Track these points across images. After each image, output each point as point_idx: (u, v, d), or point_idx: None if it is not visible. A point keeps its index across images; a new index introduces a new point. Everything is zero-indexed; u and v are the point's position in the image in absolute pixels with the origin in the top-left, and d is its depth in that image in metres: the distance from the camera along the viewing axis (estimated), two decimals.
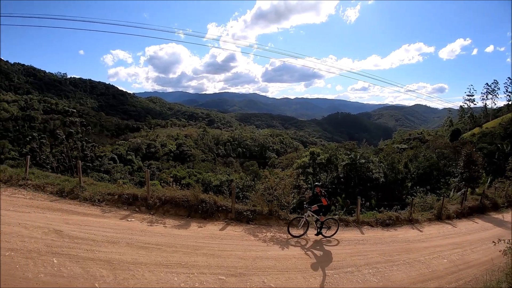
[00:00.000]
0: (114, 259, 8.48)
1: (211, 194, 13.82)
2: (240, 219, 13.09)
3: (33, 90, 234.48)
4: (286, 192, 13.77)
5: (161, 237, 10.51)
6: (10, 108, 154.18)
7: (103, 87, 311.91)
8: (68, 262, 8.01)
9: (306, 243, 11.99)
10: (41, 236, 9.19)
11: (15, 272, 7.30)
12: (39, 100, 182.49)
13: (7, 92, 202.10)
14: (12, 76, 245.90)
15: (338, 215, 15.37)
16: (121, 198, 13.05)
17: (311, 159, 43.72)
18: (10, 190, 13.11)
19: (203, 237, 11.01)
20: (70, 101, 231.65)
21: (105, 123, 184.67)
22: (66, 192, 13.18)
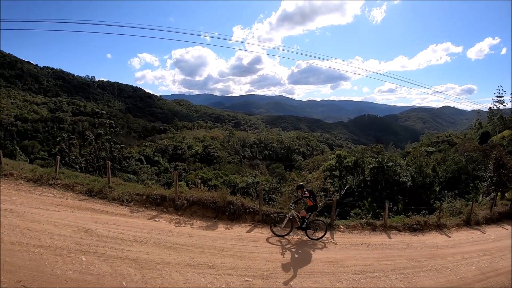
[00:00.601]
0: (142, 259, 8.60)
1: (239, 196, 13.86)
2: (267, 221, 13.02)
3: (62, 92, 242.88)
4: None
5: (188, 237, 10.59)
6: (40, 110, 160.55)
7: (130, 90, 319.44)
8: (96, 260, 8.18)
9: (333, 246, 11.85)
10: (70, 234, 9.43)
11: (44, 269, 7.52)
12: (68, 102, 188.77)
13: (37, 95, 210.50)
14: (41, 79, 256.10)
15: (365, 219, 15.10)
16: (149, 199, 13.25)
17: (338, 162, 43.32)
18: (40, 189, 13.59)
19: (230, 239, 11.03)
20: (98, 103, 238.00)
21: (133, 125, 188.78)
22: (95, 192, 13.52)
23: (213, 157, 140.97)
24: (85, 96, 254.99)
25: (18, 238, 8.87)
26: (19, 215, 10.39)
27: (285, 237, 11.95)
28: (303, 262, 10.05)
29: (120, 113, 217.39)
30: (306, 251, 10.95)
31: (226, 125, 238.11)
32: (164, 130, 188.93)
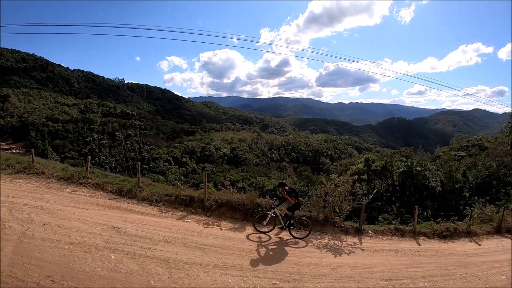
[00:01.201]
0: (170, 258, 8.71)
1: (267, 199, 13.86)
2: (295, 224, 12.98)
3: (92, 94, 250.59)
4: (341, 199, 13.54)
5: (216, 239, 10.65)
6: (71, 111, 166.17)
7: (159, 92, 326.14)
8: (125, 258, 8.35)
9: (361, 251, 11.68)
10: (99, 232, 9.69)
11: (73, 265, 7.74)
12: (98, 104, 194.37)
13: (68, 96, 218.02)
14: (72, 81, 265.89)
15: (394, 224, 14.81)
16: (178, 199, 13.41)
17: (366, 166, 42.82)
18: (71, 187, 14.04)
19: (259, 241, 11.04)
20: (127, 105, 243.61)
21: (161, 126, 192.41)
22: (125, 192, 13.85)
23: (240, 159, 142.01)
24: (114, 98, 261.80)
25: (49, 234, 9.18)
26: (50, 212, 10.75)
27: (267, 234, 11.84)
28: (331, 267, 9.94)
29: (149, 114, 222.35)
30: (337, 257, 10.83)
31: (254, 127, 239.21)
32: (192, 132, 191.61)
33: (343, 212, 13.68)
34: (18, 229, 9.37)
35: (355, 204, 13.94)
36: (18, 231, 9.25)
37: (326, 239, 12.14)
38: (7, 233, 9.09)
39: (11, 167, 16.24)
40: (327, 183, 14.04)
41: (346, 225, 13.07)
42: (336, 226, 13.33)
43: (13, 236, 8.97)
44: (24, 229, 9.39)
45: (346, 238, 12.19)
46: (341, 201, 13.52)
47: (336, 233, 12.94)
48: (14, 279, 7.11)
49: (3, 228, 9.37)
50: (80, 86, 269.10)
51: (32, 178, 14.96)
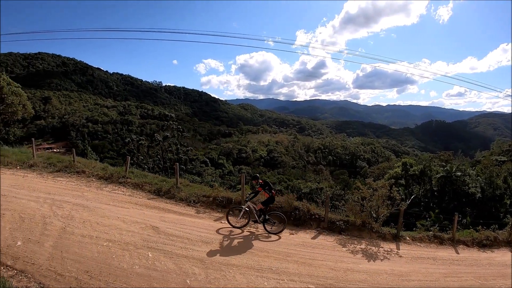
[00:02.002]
0: (207, 259, 8.80)
1: (305, 202, 13.74)
2: (332, 228, 12.77)
3: (131, 97, 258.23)
4: (379, 204, 13.24)
5: (253, 241, 10.67)
6: (110, 113, 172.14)
7: (196, 94, 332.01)
8: (162, 257, 8.53)
9: (399, 258, 11.37)
10: (138, 230, 9.95)
11: (111, 262, 8.01)
12: (137, 106, 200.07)
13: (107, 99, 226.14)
14: (111, 84, 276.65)
15: (432, 231, 14.31)
16: (215, 201, 13.52)
17: (404, 170, 41.67)
18: (110, 186, 14.52)
19: (295, 244, 10.94)
20: (165, 107, 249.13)
21: (198, 128, 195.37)
22: (163, 192, 14.13)
23: (277, 161, 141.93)
24: (152, 101, 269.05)
25: (88, 231, 9.53)
26: (90, 210, 11.15)
27: (241, 228, 11.70)
28: (368, 273, 9.74)
29: (186, 116, 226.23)
30: (374, 263, 10.61)
31: (291, 130, 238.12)
32: (229, 134, 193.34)
33: (380, 217, 13.39)
34: (58, 225, 9.78)
35: (393, 209, 13.61)
36: (58, 227, 9.66)
37: (363, 245, 11.90)
38: (47, 229, 9.52)
39: (52, 165, 16.97)
40: (364, 187, 13.77)
41: (384, 231, 12.76)
42: (373, 231, 13.05)
43: (53, 231, 9.37)
44: (64, 225, 9.79)
45: (383, 244, 11.91)
46: (379, 206, 13.24)
47: (373, 238, 12.66)
48: (53, 273, 7.44)
49: (44, 224, 9.78)
50: (119, 89, 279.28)
51: (73, 176, 15.53)
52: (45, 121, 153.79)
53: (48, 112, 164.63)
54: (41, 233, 9.25)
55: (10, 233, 9.17)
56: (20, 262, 7.77)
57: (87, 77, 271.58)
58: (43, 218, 10.19)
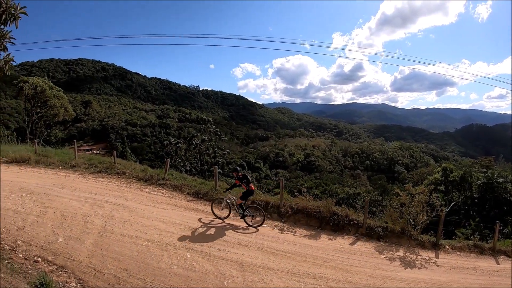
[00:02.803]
0: (245, 261, 8.83)
1: (343, 207, 13.57)
2: (370, 235, 12.53)
3: (169, 101, 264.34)
4: (418, 210, 12.88)
5: (291, 245, 10.60)
6: (148, 116, 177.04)
7: (233, 98, 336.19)
8: (200, 258, 8.63)
9: (438, 267, 11.00)
10: (177, 231, 10.13)
11: (150, 261, 8.20)
12: (175, 109, 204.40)
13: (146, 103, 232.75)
14: (149, 88, 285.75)
15: (473, 240, 13.74)
16: (254, 204, 13.54)
17: (443, 176, 40.38)
18: (150, 187, 14.89)
19: (333, 250, 10.81)
20: (202, 111, 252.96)
21: (236, 132, 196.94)
22: (202, 194, 14.30)
23: (314, 165, 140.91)
24: (190, 104, 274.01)
25: (128, 230, 9.79)
26: (130, 210, 11.48)
27: (224, 219, 12.07)
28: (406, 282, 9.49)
29: (223, 120, 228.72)
30: (412, 271, 10.32)
31: (328, 134, 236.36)
32: (266, 138, 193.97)
33: (418, 224, 13.03)
34: (99, 224, 10.10)
35: (432, 216, 13.21)
36: (99, 225, 9.97)
37: (401, 252, 11.62)
38: (88, 227, 9.85)
39: (94, 166, 17.57)
40: (403, 193, 13.44)
41: (423, 239, 12.39)
42: (412, 239, 12.70)
43: (94, 230, 9.69)
44: (105, 224, 10.10)
45: (421, 252, 11.59)
46: (418, 213, 12.89)
47: (411, 246, 12.33)
48: (92, 270, 7.69)
49: (85, 222, 10.11)
50: (157, 93, 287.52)
51: (113, 177, 16.00)
52: (86, 123, 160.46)
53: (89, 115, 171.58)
54: (82, 231, 9.58)
55: (51, 230, 9.56)
56: (60, 258, 8.07)
57: (126, 81, 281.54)
58: (84, 216, 10.55)
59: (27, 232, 9.36)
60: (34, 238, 9.02)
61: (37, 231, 9.43)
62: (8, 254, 7.92)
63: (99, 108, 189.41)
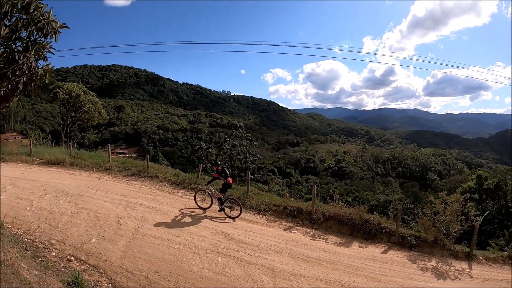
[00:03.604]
0: (275, 267, 8.80)
1: (376, 215, 13.35)
2: (402, 243, 12.27)
3: (200, 106, 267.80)
4: (452, 219, 12.50)
5: (322, 252, 10.50)
6: (180, 121, 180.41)
7: (264, 104, 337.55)
8: (231, 263, 8.66)
9: (471, 278, 10.63)
10: (208, 235, 10.22)
11: (181, 264, 8.30)
12: (206, 115, 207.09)
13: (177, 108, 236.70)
14: (181, 94, 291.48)
15: (507, 252, 13.20)
16: (285, 210, 13.52)
17: (477, 184, 39.17)
18: (182, 191, 15.13)
19: (364, 258, 10.64)
20: (233, 116, 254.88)
21: (267, 137, 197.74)
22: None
23: (345, 172, 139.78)
24: (221, 110, 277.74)
25: (160, 233, 9.94)
26: (163, 213, 11.69)
27: (206, 210, 12.96)
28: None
29: (254, 125, 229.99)
30: (444, 282, 10.03)
31: (359, 140, 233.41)
32: (297, 143, 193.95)
33: (451, 234, 12.66)
34: (132, 225, 10.30)
35: (466, 226, 12.81)
36: (131, 227, 10.17)
37: (434, 262, 11.34)
38: (121, 228, 10.06)
39: (127, 169, 17.97)
40: (437, 201, 13.10)
41: (456, 249, 12.06)
42: (445, 249, 12.36)
43: (126, 231, 9.88)
44: (137, 226, 10.29)
45: (454, 263, 11.29)
46: (451, 222, 12.52)
47: (444, 256, 11.99)
48: (124, 270, 7.85)
49: (118, 223, 10.31)
50: (189, 98, 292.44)
51: (146, 180, 16.31)
52: (118, 127, 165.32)
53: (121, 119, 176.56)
54: (115, 232, 9.79)
55: (85, 230, 9.82)
56: (93, 258, 8.27)
57: (158, 87, 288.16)
58: (118, 218, 10.78)
59: (61, 231, 9.65)
60: (67, 237, 9.29)
61: (71, 231, 9.72)
62: (42, 252, 8.18)
63: (132, 113, 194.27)
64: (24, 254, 7.09)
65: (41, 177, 16.00)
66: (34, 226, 9.84)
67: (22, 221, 10.16)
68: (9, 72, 7.20)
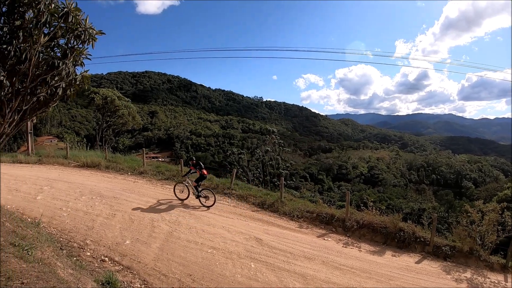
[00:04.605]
0: (308, 274, 8.72)
1: (410, 223, 13.07)
2: (437, 253, 11.94)
3: (233, 112, 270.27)
4: (488, 229, 12.05)
5: (355, 260, 10.35)
6: (213, 126, 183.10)
7: (296, 109, 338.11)
8: (264, 269, 8.63)
9: None
10: (242, 241, 10.23)
11: (214, 268, 8.35)
12: (238, 120, 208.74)
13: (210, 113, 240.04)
14: (213, 100, 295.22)
15: None
16: (319, 217, 13.42)
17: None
18: (216, 196, 15.06)
19: (398, 268, 10.43)
20: (265, 122, 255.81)
21: (299, 143, 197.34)
22: (267, 205, 14.43)
23: (378, 178, 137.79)
24: (253, 115, 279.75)
25: (194, 237, 10.04)
26: (196, 218, 11.82)
27: (183, 201, 14.08)
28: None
29: (287, 131, 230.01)
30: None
31: (393, 146, 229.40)
32: (329, 149, 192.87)
33: (487, 244, 12.21)
34: (165, 229, 10.46)
35: (503, 236, 12.33)
36: (165, 230, 10.33)
37: (468, 274, 11.01)
38: (155, 231, 10.24)
39: (161, 173, 18.36)
40: (473, 210, 12.69)
41: (492, 260, 11.68)
42: (481, 260, 11.95)
43: (160, 234, 10.04)
44: (171, 229, 10.44)
45: (489, 275, 10.96)
46: (488, 232, 12.09)
47: (479, 267, 11.59)
48: (157, 273, 7.97)
49: (152, 226, 10.49)
50: (221, 104, 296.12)
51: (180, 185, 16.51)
52: (152, 132, 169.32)
53: (155, 124, 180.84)
54: (149, 235, 9.96)
55: (119, 232, 10.05)
56: (127, 259, 8.45)
57: (191, 93, 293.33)
58: (152, 221, 10.96)
59: (96, 232, 9.92)
60: (102, 238, 9.54)
61: (105, 232, 9.97)
62: (77, 252, 8.43)
63: (165, 118, 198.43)
64: (59, 253, 7.34)
65: (77, 179, 16.51)
66: (69, 226, 10.16)
67: (58, 221, 10.54)
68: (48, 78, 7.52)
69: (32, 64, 7.21)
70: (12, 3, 6.90)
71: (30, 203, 12.15)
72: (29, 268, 5.01)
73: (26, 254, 5.58)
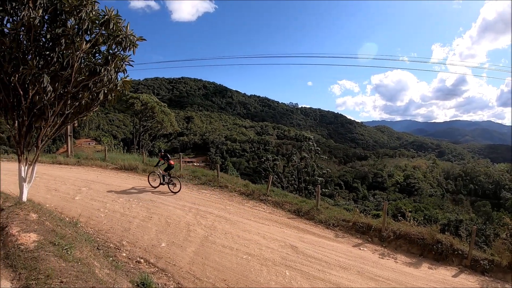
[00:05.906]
0: (343, 284, 8.63)
1: (448, 235, 12.66)
2: (474, 267, 11.51)
3: (268, 118, 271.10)
4: None
5: (391, 272, 10.11)
6: (248, 132, 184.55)
7: (331, 116, 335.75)
8: (299, 277, 8.56)
9: None
10: (277, 248, 10.18)
11: (248, 274, 8.36)
12: (273, 127, 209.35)
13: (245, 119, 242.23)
14: (249, 106, 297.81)
15: None
16: (355, 226, 13.22)
17: None
18: (251, 202, 15.25)
19: (434, 281, 10.10)
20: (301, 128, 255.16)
21: (334, 150, 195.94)
22: (303, 212, 14.29)
23: (414, 188, 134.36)
24: (288, 122, 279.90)
25: (229, 242, 10.08)
26: (232, 223, 11.82)
27: (156, 188, 15.98)
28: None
29: (322, 138, 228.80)
30: None
31: (429, 154, 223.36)
32: (364, 157, 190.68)
33: None
34: (201, 233, 10.55)
35: None
36: (201, 235, 10.42)
37: None
38: (191, 235, 10.34)
39: (197, 178, 18.53)
40: None
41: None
42: None
43: (196, 238, 10.13)
44: (207, 234, 10.52)
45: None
46: None
47: None
48: (192, 276, 8.06)
49: (188, 230, 10.60)
50: (256, 110, 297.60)
51: (216, 190, 16.72)
52: (187, 137, 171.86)
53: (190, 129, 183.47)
54: (185, 238, 10.07)
55: (155, 234, 10.23)
56: (162, 262, 8.59)
57: (226, 99, 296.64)
58: (187, 225, 11.08)
59: (132, 234, 10.14)
60: (138, 240, 9.74)
61: (141, 234, 10.17)
62: (113, 253, 8.65)
63: (201, 123, 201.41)
64: (96, 253, 7.57)
65: (115, 182, 16.95)
66: (106, 227, 10.45)
67: (95, 221, 10.87)
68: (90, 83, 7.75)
69: (75, 70, 7.50)
70: (54, 11, 7.18)
71: (69, 203, 12.57)
72: (68, 267, 5.15)
73: (65, 253, 5.74)
